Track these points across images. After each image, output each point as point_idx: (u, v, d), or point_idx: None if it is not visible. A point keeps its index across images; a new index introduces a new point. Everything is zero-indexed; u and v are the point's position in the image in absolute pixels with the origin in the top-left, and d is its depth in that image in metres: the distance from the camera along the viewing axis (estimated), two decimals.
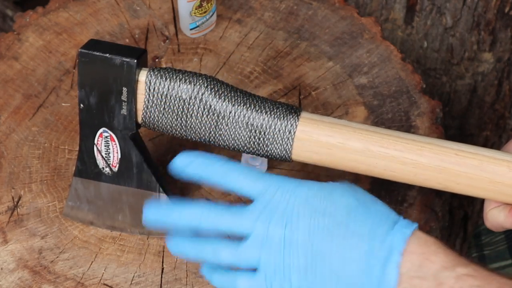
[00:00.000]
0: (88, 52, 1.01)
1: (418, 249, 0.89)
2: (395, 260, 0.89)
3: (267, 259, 0.93)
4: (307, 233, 0.92)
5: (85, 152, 1.06)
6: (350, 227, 0.91)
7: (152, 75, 1.02)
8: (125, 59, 1.00)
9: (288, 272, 0.92)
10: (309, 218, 0.92)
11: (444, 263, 0.89)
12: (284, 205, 0.93)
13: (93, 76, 1.02)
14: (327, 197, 0.93)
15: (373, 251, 0.90)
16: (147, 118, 1.03)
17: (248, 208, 0.94)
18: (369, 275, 0.90)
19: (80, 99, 1.03)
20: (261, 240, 0.93)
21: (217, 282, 0.97)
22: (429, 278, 0.88)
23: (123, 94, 1.02)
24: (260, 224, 0.93)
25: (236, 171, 0.96)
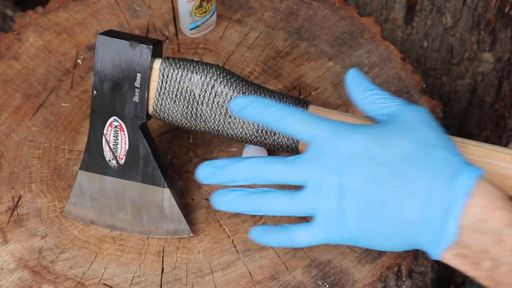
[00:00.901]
0: (106, 37, 1.04)
1: (481, 203, 0.88)
2: (456, 213, 0.87)
3: (324, 206, 0.92)
4: (363, 181, 0.91)
5: (93, 143, 1.07)
6: (409, 175, 0.90)
7: (166, 63, 1.04)
8: (142, 44, 1.03)
9: (345, 219, 0.92)
10: (365, 166, 0.91)
11: (507, 219, 0.87)
12: (338, 151, 0.92)
13: (108, 61, 1.04)
14: (384, 144, 0.91)
15: (433, 202, 0.88)
16: (159, 106, 1.05)
17: (302, 156, 0.93)
18: (428, 225, 0.89)
19: (94, 85, 1.05)
20: (317, 188, 0.92)
21: (274, 241, 0.97)
22: (489, 233, 0.87)
23: (137, 80, 1.04)
24: (315, 172, 0.92)
25: (290, 115, 0.95)
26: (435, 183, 0.89)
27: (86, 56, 1.29)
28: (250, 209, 0.96)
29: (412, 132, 0.92)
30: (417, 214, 0.89)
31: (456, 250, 0.89)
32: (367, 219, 0.91)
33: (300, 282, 1.04)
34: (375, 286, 1.04)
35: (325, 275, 1.05)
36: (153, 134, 1.17)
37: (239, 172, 0.95)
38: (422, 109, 0.96)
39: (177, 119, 1.05)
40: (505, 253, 0.87)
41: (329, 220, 0.93)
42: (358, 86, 0.99)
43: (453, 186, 0.88)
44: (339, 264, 1.06)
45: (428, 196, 0.89)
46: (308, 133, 0.94)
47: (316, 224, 0.94)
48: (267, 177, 0.94)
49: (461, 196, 0.88)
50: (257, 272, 1.05)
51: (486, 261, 0.88)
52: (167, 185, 1.07)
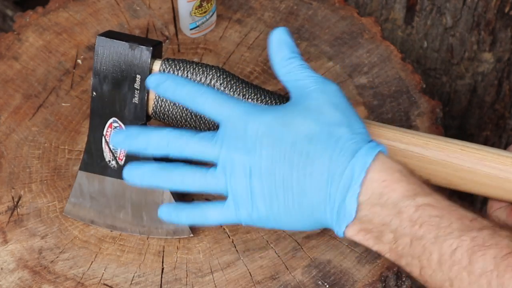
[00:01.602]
0: (105, 38, 1.04)
1: (380, 177, 0.89)
2: (355, 190, 0.89)
3: (234, 186, 0.93)
4: (270, 161, 0.92)
5: (93, 143, 1.07)
6: (311, 155, 0.91)
7: (166, 65, 1.04)
8: (141, 46, 1.03)
9: (254, 199, 0.93)
10: (271, 146, 0.92)
11: (406, 191, 0.89)
12: (248, 132, 0.93)
13: (108, 63, 1.04)
14: (289, 125, 0.93)
15: (333, 180, 0.90)
16: (158, 107, 1.04)
17: (214, 135, 0.94)
18: (330, 204, 0.91)
19: (93, 86, 1.05)
20: (227, 166, 0.93)
21: (186, 218, 0.98)
22: (389, 206, 0.89)
23: (137, 81, 1.03)
24: (225, 151, 0.93)
25: (204, 94, 0.96)
26: (335, 162, 0.90)
27: (86, 56, 1.29)
28: (162, 183, 0.96)
29: (317, 112, 0.94)
30: (319, 193, 0.91)
31: (358, 226, 0.91)
32: (273, 199, 0.93)
33: (300, 282, 1.04)
34: (375, 286, 1.04)
35: (325, 275, 1.05)
36: None
37: (152, 140, 0.95)
38: (333, 87, 0.96)
39: (176, 120, 1.05)
40: (404, 224, 0.88)
41: (238, 199, 0.94)
42: (280, 52, 0.99)
43: (352, 163, 0.90)
44: (339, 264, 1.06)
45: (329, 174, 0.90)
46: (219, 113, 0.95)
47: (227, 203, 0.95)
48: (180, 148, 0.95)
49: (359, 173, 0.89)
50: (257, 272, 1.05)
51: (388, 234, 0.89)
52: None
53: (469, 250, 0.85)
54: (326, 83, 0.97)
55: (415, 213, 0.88)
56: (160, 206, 0.99)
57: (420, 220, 0.87)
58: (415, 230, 0.87)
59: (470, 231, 0.86)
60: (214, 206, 0.96)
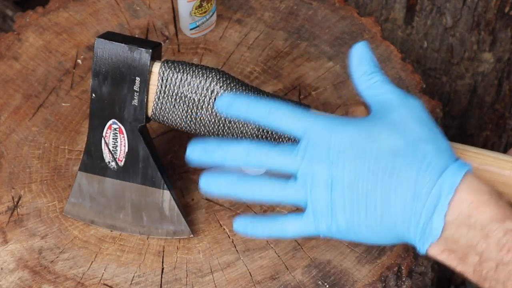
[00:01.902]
0: (104, 40, 1.04)
1: (469, 198, 0.88)
2: (442, 210, 0.88)
3: (313, 198, 0.92)
4: (353, 174, 0.91)
5: (92, 144, 1.07)
6: (396, 170, 0.90)
7: (165, 67, 1.04)
8: (141, 48, 1.03)
9: (334, 212, 0.92)
10: (355, 159, 0.91)
11: (494, 215, 0.87)
12: (329, 144, 0.92)
13: (107, 65, 1.04)
14: (373, 138, 0.91)
15: (419, 198, 0.89)
16: (158, 109, 1.04)
17: (295, 147, 0.93)
18: (414, 221, 0.89)
19: (92, 88, 1.05)
20: (307, 178, 0.92)
21: (263, 231, 0.96)
22: (476, 228, 0.87)
23: (136, 84, 1.03)
24: (306, 163, 0.92)
25: (279, 110, 0.94)
26: (422, 179, 0.89)
27: (86, 56, 1.29)
28: (240, 193, 0.95)
29: (402, 127, 0.93)
30: (403, 209, 0.90)
31: (442, 245, 0.89)
32: (354, 212, 0.92)
33: (300, 282, 1.04)
34: (375, 286, 1.04)
35: (325, 275, 1.05)
36: (153, 134, 1.17)
37: (231, 153, 0.94)
38: (416, 102, 0.95)
39: (176, 123, 1.05)
40: (491, 248, 0.87)
41: (318, 211, 0.93)
42: (361, 67, 0.98)
43: (440, 182, 0.89)
44: (339, 264, 1.06)
45: (415, 191, 0.89)
46: (300, 128, 0.94)
47: (306, 215, 0.94)
48: (259, 162, 0.93)
49: (447, 192, 0.88)
50: (257, 272, 1.05)
51: (473, 256, 0.88)
52: (167, 187, 1.06)
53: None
54: (409, 98, 0.95)
55: (503, 238, 0.86)
56: (236, 218, 0.97)
57: (508, 245, 0.86)
58: (502, 255, 0.86)
59: None
60: (292, 219, 0.95)
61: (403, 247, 1.07)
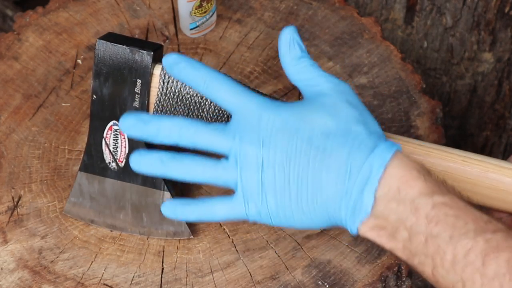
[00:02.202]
0: (105, 42, 1.03)
1: (398, 173, 0.89)
2: (372, 185, 0.89)
3: (245, 179, 0.92)
4: (284, 156, 0.91)
5: (93, 145, 1.07)
6: (328, 150, 0.91)
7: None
8: (142, 50, 1.02)
9: (264, 194, 0.92)
10: (286, 140, 0.92)
11: (423, 189, 0.88)
12: (262, 125, 0.92)
13: (108, 66, 1.04)
14: (306, 119, 0.92)
15: (351, 175, 0.90)
16: (159, 112, 1.04)
17: (227, 126, 0.93)
18: (346, 198, 0.90)
19: (93, 89, 1.04)
20: (238, 159, 0.92)
21: (192, 214, 0.96)
22: (405, 203, 0.88)
23: (137, 86, 1.03)
24: (237, 143, 0.92)
25: (219, 80, 0.95)
26: (353, 157, 0.90)
27: (86, 56, 1.29)
28: (170, 172, 0.95)
29: (334, 109, 0.93)
30: (335, 188, 0.90)
31: (373, 222, 0.90)
32: (285, 193, 0.92)
33: (300, 282, 1.04)
34: (375, 286, 1.04)
35: (325, 275, 1.05)
36: None
37: (164, 127, 0.94)
38: (346, 86, 0.96)
39: None
40: (420, 222, 0.87)
41: (247, 193, 0.93)
42: (290, 52, 0.98)
43: (370, 159, 0.90)
44: (339, 264, 1.06)
45: (346, 169, 0.90)
46: (234, 103, 0.94)
47: (236, 197, 0.94)
48: (191, 138, 0.93)
49: (377, 168, 0.89)
50: (257, 272, 1.05)
51: (402, 231, 0.89)
52: (167, 188, 1.06)
53: (483, 252, 0.85)
54: (339, 82, 0.96)
55: (431, 211, 0.87)
56: (164, 203, 0.98)
57: (436, 218, 0.87)
58: (431, 228, 0.87)
59: (485, 233, 0.86)
60: (221, 201, 0.95)
61: None
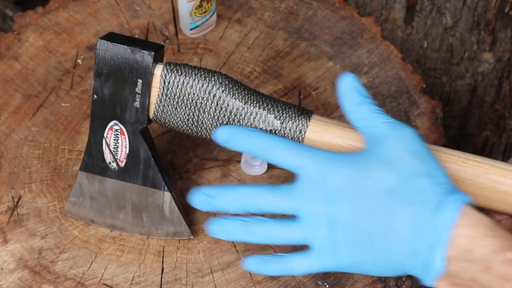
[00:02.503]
0: (106, 42, 1.03)
1: (467, 233, 0.88)
2: (442, 247, 0.88)
3: (316, 237, 0.93)
4: (351, 213, 0.92)
5: (93, 145, 1.07)
6: (393, 209, 0.91)
7: (168, 69, 1.03)
8: (143, 51, 1.02)
9: (337, 249, 0.93)
10: (351, 199, 0.92)
11: (493, 247, 0.88)
12: (326, 183, 0.93)
13: (109, 66, 1.03)
14: (369, 176, 0.92)
15: (418, 235, 0.89)
16: (160, 112, 1.04)
17: (291, 187, 0.95)
18: (416, 258, 0.90)
19: (94, 89, 1.04)
20: (308, 218, 0.93)
21: (272, 270, 0.98)
22: (477, 262, 0.88)
23: (138, 86, 1.03)
24: (305, 203, 0.93)
25: (275, 145, 0.96)
26: (419, 216, 0.90)
27: (86, 56, 1.29)
28: (246, 237, 0.97)
29: (396, 162, 0.93)
30: (404, 247, 0.91)
31: (447, 280, 0.90)
32: (357, 250, 0.93)
33: (300, 282, 1.04)
34: (375, 286, 1.04)
35: (325, 275, 1.05)
36: (153, 134, 1.17)
37: (232, 201, 0.97)
38: (410, 132, 0.95)
39: (178, 125, 1.05)
40: (493, 280, 0.88)
41: (322, 250, 0.94)
42: (352, 98, 0.98)
43: (437, 219, 0.89)
44: None
45: (413, 229, 0.90)
46: (296, 165, 0.95)
47: (310, 253, 0.95)
48: (259, 207, 0.96)
49: (445, 229, 0.89)
50: None
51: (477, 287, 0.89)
52: (167, 189, 1.06)
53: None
54: (403, 128, 0.95)
55: (504, 269, 0.87)
56: (248, 258, 0.99)
57: (509, 276, 0.87)
58: (504, 285, 0.87)
59: None
60: (298, 258, 0.96)
61: None
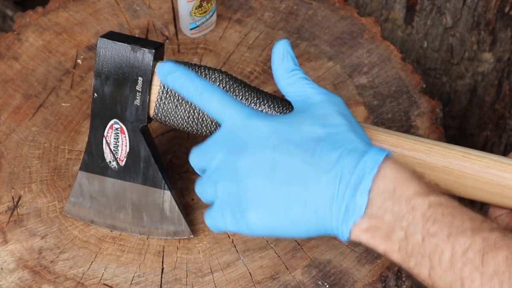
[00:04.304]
0: (107, 40, 1.04)
1: (392, 174, 0.88)
2: (366, 185, 0.88)
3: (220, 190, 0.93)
4: (271, 161, 0.91)
5: (93, 144, 1.07)
6: (317, 154, 0.90)
7: None
8: (144, 48, 1.03)
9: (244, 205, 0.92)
10: (273, 147, 0.91)
11: (418, 189, 0.88)
12: (249, 134, 0.93)
13: (110, 65, 1.04)
14: (295, 127, 0.93)
15: (342, 179, 0.89)
16: (160, 110, 1.04)
17: (212, 136, 0.95)
18: (338, 201, 0.89)
19: (94, 88, 1.05)
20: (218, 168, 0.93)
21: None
22: (401, 202, 0.87)
23: (138, 84, 1.03)
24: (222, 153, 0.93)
25: (210, 92, 0.97)
26: (345, 160, 0.90)
27: (86, 56, 1.29)
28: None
29: (325, 118, 0.94)
30: (325, 190, 0.89)
31: (366, 223, 0.89)
32: (269, 200, 0.91)
33: (300, 282, 1.04)
34: (375, 286, 1.04)
35: (325, 275, 1.05)
36: (153, 134, 1.17)
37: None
38: (338, 98, 0.97)
39: (178, 123, 1.05)
40: (417, 221, 0.87)
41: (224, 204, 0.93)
42: (283, 64, 0.99)
43: (363, 161, 0.89)
44: (339, 264, 1.06)
45: (337, 172, 0.89)
46: (223, 113, 0.96)
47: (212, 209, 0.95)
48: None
49: (371, 168, 0.89)
50: (257, 272, 1.05)
51: (398, 231, 0.88)
52: (167, 188, 1.06)
53: (481, 250, 0.84)
54: (331, 94, 0.97)
55: (428, 210, 0.87)
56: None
57: (433, 217, 0.86)
58: (428, 227, 0.86)
59: (482, 232, 0.85)
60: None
61: None
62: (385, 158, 0.90)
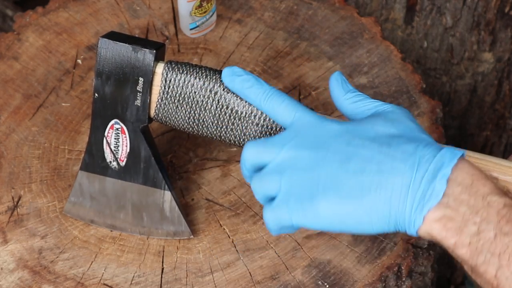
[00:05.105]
0: (108, 40, 1.04)
1: (469, 170, 0.88)
2: (446, 173, 0.87)
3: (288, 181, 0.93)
4: (344, 154, 0.91)
5: (94, 144, 1.07)
6: (393, 145, 0.90)
7: (169, 68, 1.04)
8: (144, 49, 1.03)
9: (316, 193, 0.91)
10: (346, 141, 0.92)
11: (495, 188, 0.87)
12: (320, 132, 0.94)
13: (111, 65, 1.04)
14: (368, 128, 0.93)
15: (420, 165, 0.88)
16: (161, 110, 1.04)
17: (280, 134, 0.96)
18: (414, 188, 0.88)
19: (95, 88, 1.05)
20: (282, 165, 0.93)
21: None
22: (477, 197, 0.87)
23: (139, 84, 1.03)
24: (288, 148, 0.94)
25: (280, 95, 0.99)
26: (422, 151, 0.89)
27: (86, 56, 1.29)
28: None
29: (396, 122, 0.94)
30: (402, 177, 0.88)
31: (441, 212, 0.87)
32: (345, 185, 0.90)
33: (300, 282, 1.04)
34: (375, 286, 1.04)
35: (325, 275, 1.05)
36: (153, 134, 1.17)
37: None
38: (405, 109, 0.97)
39: (179, 124, 1.05)
40: (491, 218, 0.86)
41: (293, 196, 0.92)
42: (341, 88, 1.00)
43: (441, 153, 0.89)
44: (339, 264, 1.06)
45: (415, 160, 0.89)
46: (294, 115, 0.96)
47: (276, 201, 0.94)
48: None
49: (450, 160, 0.88)
50: (257, 272, 1.05)
51: (471, 225, 0.86)
52: (168, 188, 1.06)
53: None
54: (399, 106, 0.98)
55: (503, 209, 0.86)
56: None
57: (507, 217, 0.85)
58: (502, 225, 0.85)
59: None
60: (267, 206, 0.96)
61: (404, 247, 1.07)
62: (460, 157, 0.89)
